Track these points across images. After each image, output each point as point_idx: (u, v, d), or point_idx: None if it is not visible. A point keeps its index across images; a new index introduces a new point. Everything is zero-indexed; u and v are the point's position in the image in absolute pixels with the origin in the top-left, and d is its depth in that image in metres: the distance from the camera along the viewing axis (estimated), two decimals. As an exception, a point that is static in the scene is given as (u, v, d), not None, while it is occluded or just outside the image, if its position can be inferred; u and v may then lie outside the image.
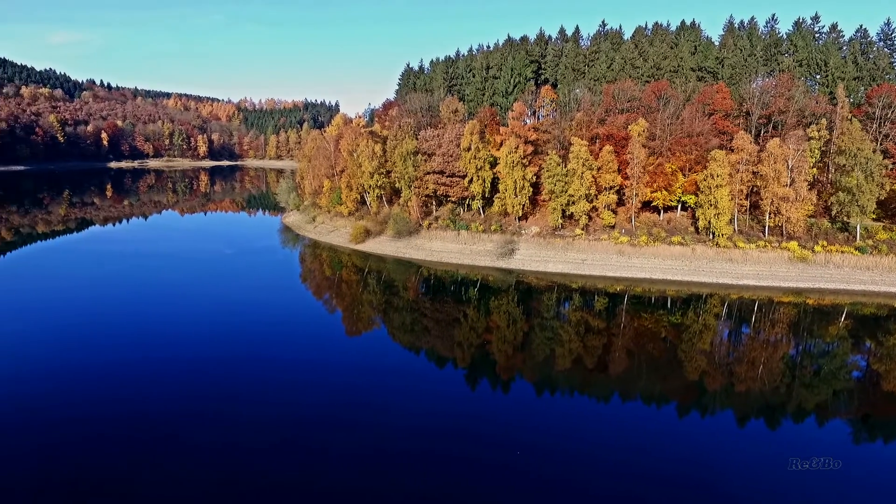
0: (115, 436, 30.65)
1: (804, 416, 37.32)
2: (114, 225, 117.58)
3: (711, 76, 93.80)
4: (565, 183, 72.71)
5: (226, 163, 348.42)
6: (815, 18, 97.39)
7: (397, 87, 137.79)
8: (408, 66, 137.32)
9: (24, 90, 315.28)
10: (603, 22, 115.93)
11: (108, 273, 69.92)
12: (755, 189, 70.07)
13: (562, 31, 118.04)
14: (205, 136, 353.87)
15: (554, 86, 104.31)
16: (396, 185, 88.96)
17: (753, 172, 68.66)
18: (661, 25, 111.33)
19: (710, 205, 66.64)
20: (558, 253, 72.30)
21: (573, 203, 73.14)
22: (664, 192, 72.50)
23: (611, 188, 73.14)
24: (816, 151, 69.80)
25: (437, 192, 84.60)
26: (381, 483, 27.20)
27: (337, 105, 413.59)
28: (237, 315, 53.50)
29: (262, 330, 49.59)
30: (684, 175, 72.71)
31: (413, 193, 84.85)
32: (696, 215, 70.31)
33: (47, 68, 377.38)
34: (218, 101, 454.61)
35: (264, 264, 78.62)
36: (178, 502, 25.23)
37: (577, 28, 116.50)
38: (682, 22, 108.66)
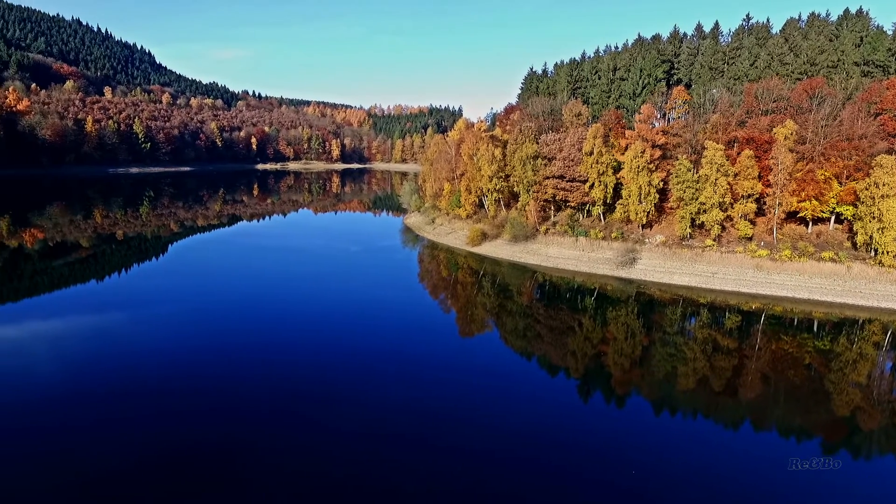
0: (238, 415, 34.10)
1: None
2: (258, 221, 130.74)
3: (881, 70, 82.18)
4: (696, 190, 67.91)
5: (355, 165, 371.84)
6: None
7: (520, 91, 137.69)
8: (531, 69, 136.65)
9: (193, 101, 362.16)
10: (747, 16, 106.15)
11: (250, 265, 77.87)
12: (933, 200, 60.08)
13: (699, 27, 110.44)
14: (338, 140, 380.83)
15: (687, 86, 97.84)
16: (515, 189, 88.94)
17: (932, 181, 58.97)
18: (819, 16, 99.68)
19: (873, 217, 58.41)
20: (685, 264, 67.68)
21: (704, 212, 68.06)
22: (814, 201, 64.77)
23: (749, 196, 66.95)
24: None
25: (556, 197, 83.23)
26: (489, 486, 27.44)
27: (460, 110, 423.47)
28: (359, 310, 56.90)
29: (380, 325, 52.30)
30: (840, 183, 64.49)
31: (531, 198, 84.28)
32: (854, 229, 61.98)
33: (211, 81, 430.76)
34: (351, 107, 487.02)
35: (386, 263, 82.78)
36: (298, 480, 27.47)
37: (716, 24, 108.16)
38: (846, 10, 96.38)
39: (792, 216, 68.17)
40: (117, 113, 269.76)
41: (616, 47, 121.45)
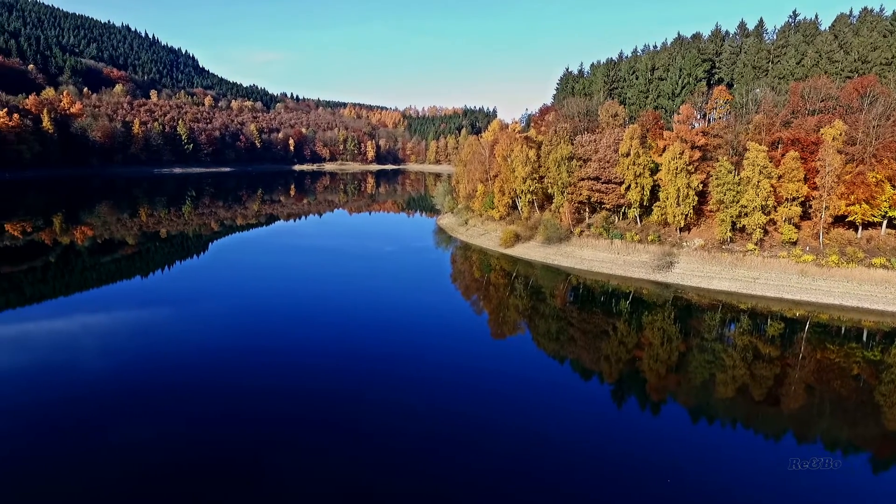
0: (269, 417, 34.78)
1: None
2: (295, 220, 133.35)
3: (939, 68, 78.10)
4: (737, 192, 65.94)
5: (390, 166, 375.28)
6: None
7: (555, 92, 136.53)
8: (567, 70, 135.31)
9: (234, 103, 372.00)
10: (794, 12, 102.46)
11: (286, 263, 79.43)
12: None
13: (742, 25, 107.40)
14: (373, 141, 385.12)
15: (729, 86, 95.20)
16: (549, 190, 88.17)
17: None
18: (872, 11, 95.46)
19: (929, 222, 55.56)
20: (725, 269, 65.80)
21: (745, 215, 66.02)
22: (864, 205, 61.99)
23: (794, 199, 64.59)
24: None
25: (591, 199, 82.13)
26: (518, 492, 27.29)
27: (494, 111, 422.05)
28: (392, 310, 57.42)
29: (413, 326, 52.71)
30: (894, 186, 61.55)
31: (565, 199, 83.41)
32: (908, 234, 59.07)
33: (251, 84, 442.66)
34: (386, 109, 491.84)
35: (419, 263, 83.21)
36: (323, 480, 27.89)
37: (760, 21, 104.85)
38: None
39: (840, 220, 65.44)
40: (162, 115, 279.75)
41: (654, 47, 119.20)
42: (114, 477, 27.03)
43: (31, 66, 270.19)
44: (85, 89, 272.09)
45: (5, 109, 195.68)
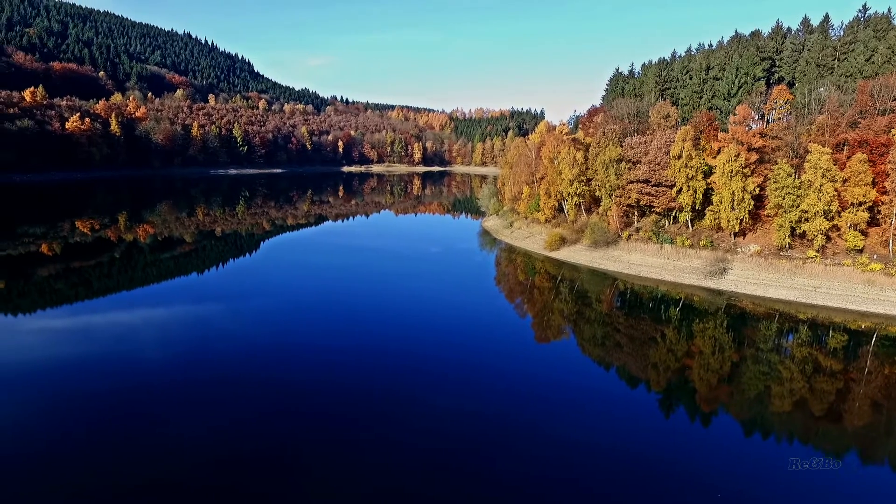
0: (307, 414, 35.58)
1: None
2: (343, 221, 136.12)
3: None
4: (797, 196, 62.88)
5: (436, 168, 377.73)
6: None
7: (604, 93, 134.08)
8: (617, 70, 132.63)
9: (286, 107, 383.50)
10: (864, 6, 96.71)
11: (334, 263, 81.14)
12: None
13: (805, 21, 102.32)
14: (420, 143, 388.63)
15: (790, 85, 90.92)
16: (596, 193, 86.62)
17: None
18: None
19: None
20: (782, 277, 62.81)
21: (806, 220, 62.87)
22: (941, 211, 57.96)
23: (860, 204, 61.05)
24: None
25: (640, 203, 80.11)
26: (562, 502, 26.96)
27: (542, 113, 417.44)
28: (436, 311, 57.86)
29: (456, 328, 52.82)
30: (974, 191, 57.26)
31: (613, 203, 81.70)
32: None
33: (303, 88, 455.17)
34: (433, 111, 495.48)
35: (463, 265, 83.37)
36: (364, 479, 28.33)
37: (826, 16, 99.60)
38: None
39: (912, 227, 61.37)
40: (219, 119, 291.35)
41: (710, 45, 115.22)
42: (162, 464, 28.23)
43: (101, 73, 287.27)
44: (149, 94, 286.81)
45: (78, 114, 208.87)
